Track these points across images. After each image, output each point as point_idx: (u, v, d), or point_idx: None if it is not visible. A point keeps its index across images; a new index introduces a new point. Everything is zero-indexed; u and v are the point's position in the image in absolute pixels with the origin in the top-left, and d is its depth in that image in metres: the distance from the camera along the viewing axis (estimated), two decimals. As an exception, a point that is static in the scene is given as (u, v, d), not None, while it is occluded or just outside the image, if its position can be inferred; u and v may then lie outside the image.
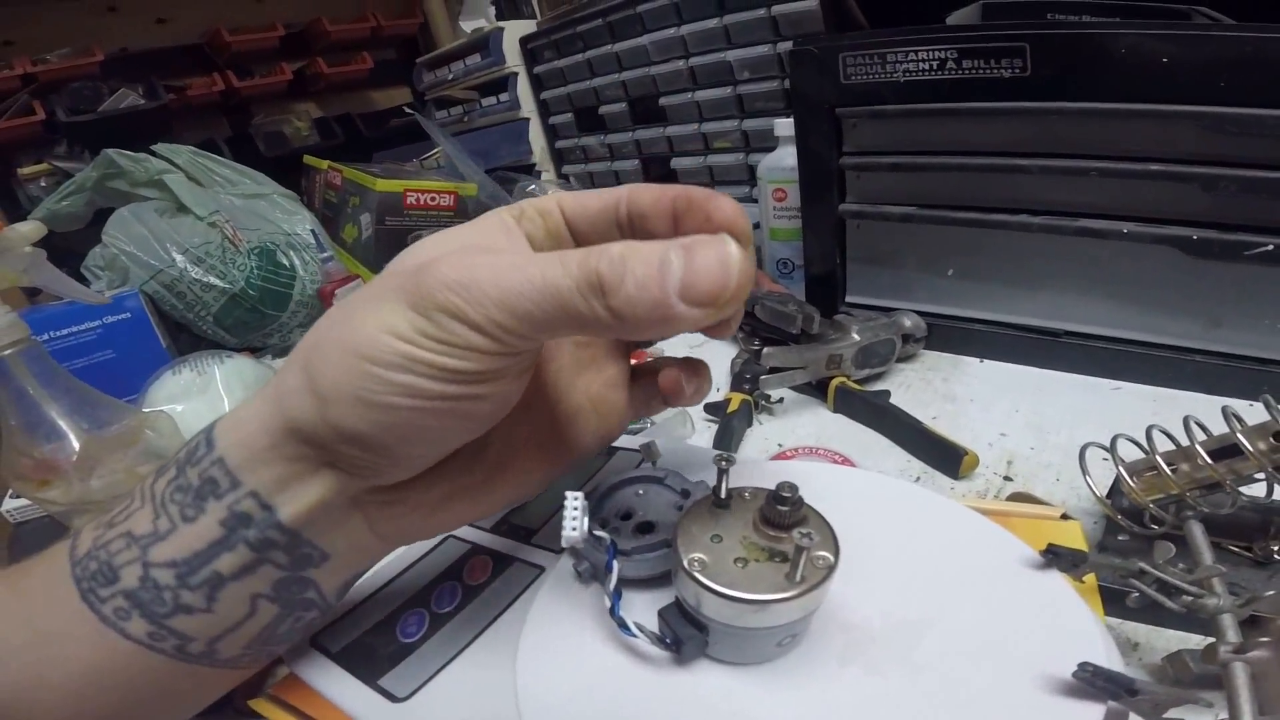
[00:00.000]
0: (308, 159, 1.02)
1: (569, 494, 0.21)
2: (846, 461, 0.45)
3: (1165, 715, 0.18)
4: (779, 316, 0.53)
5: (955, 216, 0.54)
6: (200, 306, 0.75)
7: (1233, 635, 0.24)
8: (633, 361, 0.28)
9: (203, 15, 1.19)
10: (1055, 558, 0.23)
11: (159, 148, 0.79)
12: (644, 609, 0.22)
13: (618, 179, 1.03)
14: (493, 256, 0.18)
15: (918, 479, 0.44)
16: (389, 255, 0.21)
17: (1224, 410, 0.29)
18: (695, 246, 0.17)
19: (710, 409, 0.53)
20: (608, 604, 0.21)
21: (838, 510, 0.21)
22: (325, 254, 0.77)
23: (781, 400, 0.55)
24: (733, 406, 0.51)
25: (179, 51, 1.19)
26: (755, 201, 0.74)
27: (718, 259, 0.17)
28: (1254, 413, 0.28)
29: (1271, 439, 0.28)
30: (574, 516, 0.21)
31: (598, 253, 0.17)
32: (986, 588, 0.23)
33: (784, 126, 0.64)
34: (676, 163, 0.92)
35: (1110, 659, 0.20)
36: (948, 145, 0.52)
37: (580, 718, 0.20)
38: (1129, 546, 0.34)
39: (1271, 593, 0.25)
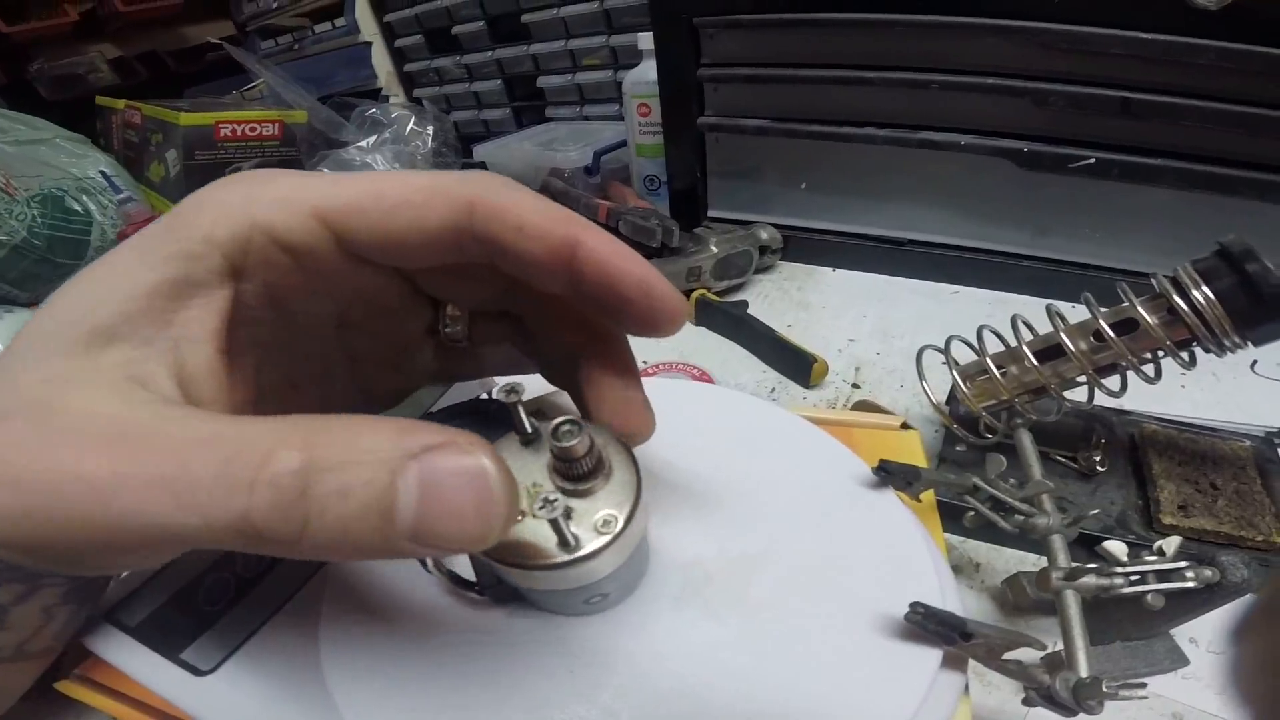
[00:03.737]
0: (101, 100, 0.92)
1: None
2: (704, 376, 0.45)
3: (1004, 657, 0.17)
4: (640, 231, 0.52)
5: (807, 129, 0.54)
6: (-23, 262, 0.65)
7: (1063, 559, 0.24)
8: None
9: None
10: (888, 475, 0.22)
11: (-101, 99, 0.67)
12: None
13: (478, 99, 0.96)
14: (49, 470, 0.11)
15: (772, 390, 0.44)
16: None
17: (1048, 308, 0.29)
18: (436, 472, 0.11)
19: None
20: None
21: (675, 430, 0.19)
22: (122, 195, 0.68)
23: (644, 316, 0.54)
24: (593, 327, 0.49)
25: (-79, -2, 0.99)
26: (623, 120, 0.71)
27: (473, 495, 0.11)
28: (1079, 314, 0.29)
29: (1092, 338, 0.28)
30: None
31: (250, 465, 0.11)
32: (822, 513, 0.22)
33: (647, 40, 0.61)
34: (543, 81, 0.88)
35: (945, 591, 0.19)
36: (800, 58, 0.52)
37: (391, 677, 0.17)
38: (966, 458, 0.34)
39: (1096, 511, 0.25)
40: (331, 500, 0.10)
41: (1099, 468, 0.32)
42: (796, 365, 0.44)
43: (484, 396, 0.23)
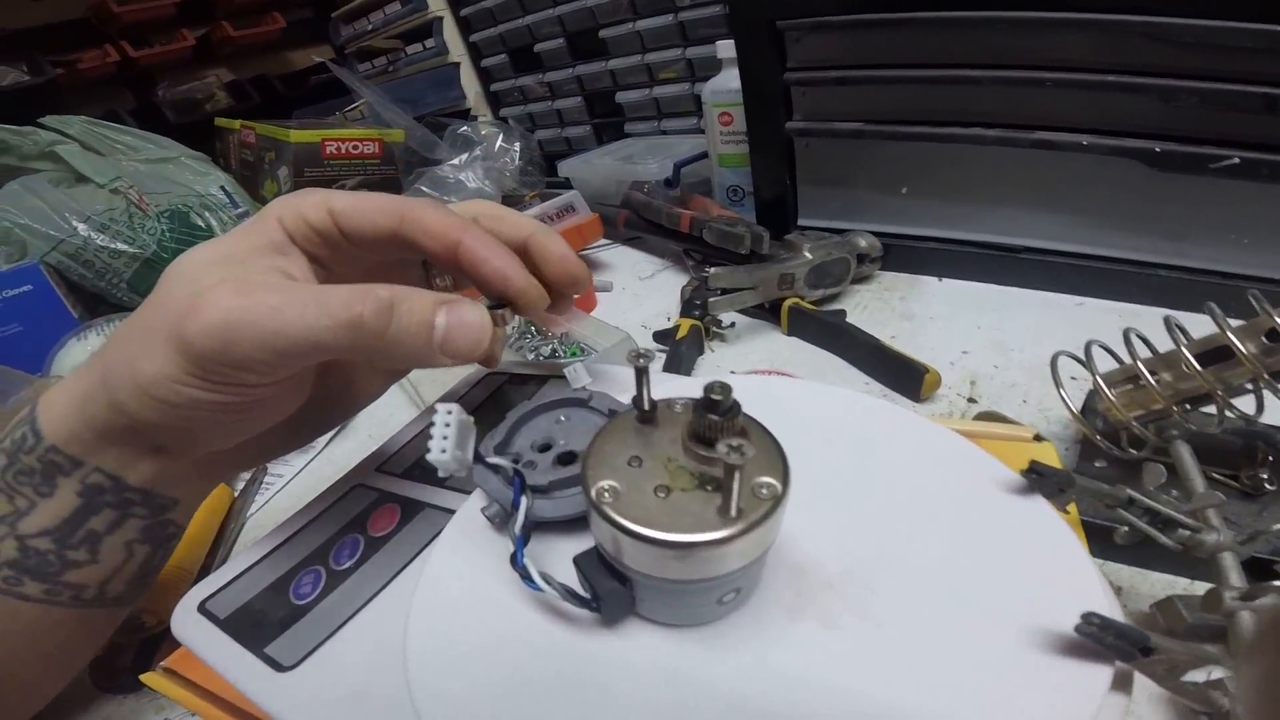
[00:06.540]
0: (219, 121, 0.99)
1: (439, 406, 0.18)
2: (802, 387, 0.43)
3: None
4: (727, 238, 0.51)
5: (906, 131, 0.51)
6: (111, 274, 0.72)
7: (1236, 579, 0.22)
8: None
9: (83, -11, 1.11)
10: (1040, 479, 0.19)
11: (47, 120, 0.75)
12: (567, 557, 0.18)
13: (560, 117, 0.98)
14: (249, 300, 0.19)
15: (876, 401, 0.42)
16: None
17: (1210, 308, 0.26)
18: (460, 306, 0.21)
19: (659, 336, 0.50)
20: (511, 549, 0.17)
21: (787, 428, 0.17)
22: (240, 210, 0.74)
23: (734, 325, 0.53)
24: (682, 333, 0.48)
25: (63, 27, 1.13)
26: (703, 132, 0.71)
27: (477, 323, 0.21)
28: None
29: (1263, 338, 0.25)
30: (443, 435, 0.17)
31: (361, 296, 0.19)
32: (958, 516, 0.19)
33: (726, 48, 0.61)
34: (622, 96, 0.88)
35: (1110, 608, 0.16)
36: (895, 58, 0.49)
37: (477, 687, 0.17)
38: (1108, 474, 0.31)
39: (1278, 527, 0.23)
40: (403, 313, 0.20)
41: (1267, 486, 0.29)
42: (905, 376, 0.41)
43: (579, 387, 0.24)
